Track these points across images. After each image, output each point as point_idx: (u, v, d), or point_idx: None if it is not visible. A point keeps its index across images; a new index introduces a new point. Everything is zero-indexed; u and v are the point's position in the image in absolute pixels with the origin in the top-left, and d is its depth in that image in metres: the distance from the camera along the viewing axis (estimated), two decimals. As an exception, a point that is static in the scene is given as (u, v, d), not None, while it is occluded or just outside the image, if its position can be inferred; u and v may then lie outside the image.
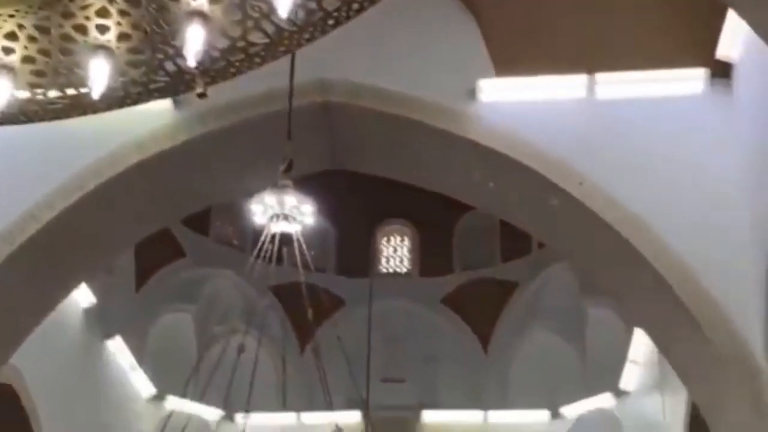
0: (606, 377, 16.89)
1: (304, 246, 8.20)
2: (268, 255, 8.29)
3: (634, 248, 8.89)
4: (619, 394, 16.67)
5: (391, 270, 20.55)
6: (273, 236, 8.18)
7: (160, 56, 4.54)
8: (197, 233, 18.64)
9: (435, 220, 19.89)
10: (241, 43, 4.48)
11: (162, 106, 9.36)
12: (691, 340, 8.80)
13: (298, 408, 18.49)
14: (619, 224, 8.93)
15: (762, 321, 8.10)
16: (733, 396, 8.37)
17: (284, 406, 17.11)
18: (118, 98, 4.77)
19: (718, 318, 8.50)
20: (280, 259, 9.87)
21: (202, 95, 4.51)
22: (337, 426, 8.03)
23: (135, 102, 4.84)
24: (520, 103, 9.51)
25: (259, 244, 8.17)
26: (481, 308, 19.02)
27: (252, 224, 9.27)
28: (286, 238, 8.78)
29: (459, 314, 19.27)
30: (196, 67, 4.32)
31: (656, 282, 8.87)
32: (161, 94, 4.79)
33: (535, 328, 18.67)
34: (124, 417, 17.48)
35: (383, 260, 20.56)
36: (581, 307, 17.56)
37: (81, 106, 4.80)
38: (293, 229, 8.16)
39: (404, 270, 20.51)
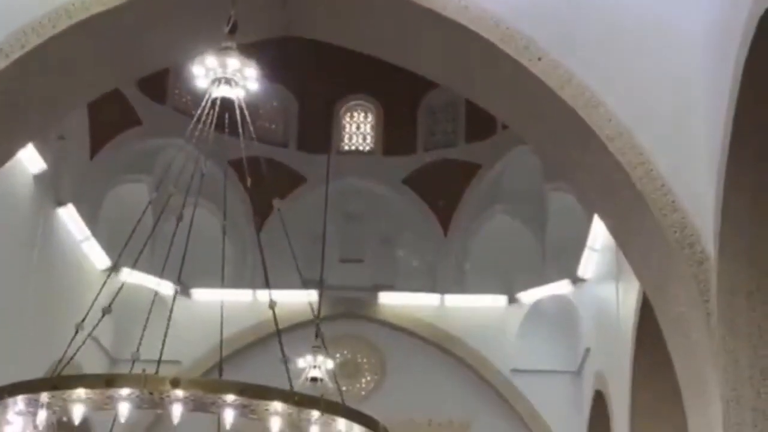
0: (564, 264, 17.09)
1: (246, 112, 8.05)
2: (209, 121, 8.14)
3: (590, 128, 8.82)
4: (576, 281, 16.91)
5: (353, 147, 20.46)
6: (214, 101, 8.02)
7: None
8: (154, 101, 18.42)
9: (400, 97, 19.76)
10: None
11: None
12: (641, 225, 8.83)
13: (255, 285, 18.59)
14: (576, 103, 8.84)
15: (713, 208, 8.11)
16: (680, 281, 8.43)
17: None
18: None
19: (669, 203, 8.48)
20: (222, 126, 9.74)
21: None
22: (272, 301, 8.01)
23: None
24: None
25: (199, 109, 8.02)
26: (443, 190, 19.05)
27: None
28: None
29: (420, 195, 19.28)
30: None
31: (610, 165, 8.83)
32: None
33: (496, 212, 18.80)
34: (78, 288, 17.51)
35: (346, 137, 20.46)
36: (543, 192, 17.63)
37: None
38: (235, 94, 7.99)
39: (367, 148, 20.42)
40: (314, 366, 13.98)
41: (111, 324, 17.66)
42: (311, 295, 16.66)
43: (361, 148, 20.42)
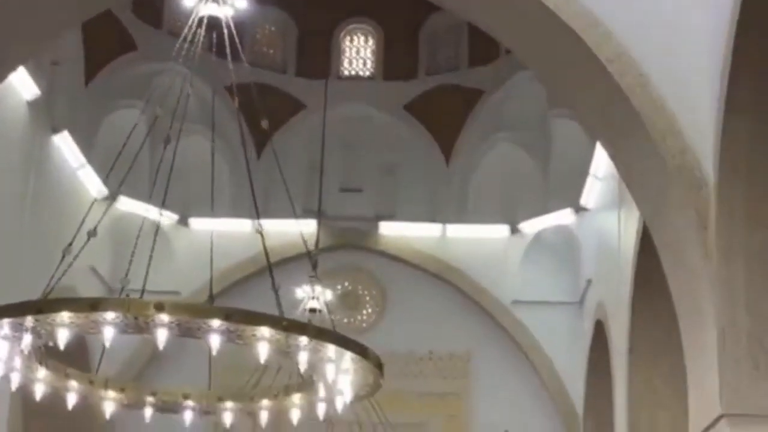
0: (567, 193, 17.02)
1: (234, 32, 7.94)
2: (197, 41, 8.04)
3: (589, 50, 8.71)
4: (578, 210, 16.88)
5: (353, 73, 20.26)
6: (201, 20, 7.91)
7: None
8: (149, 25, 18.25)
9: (401, 21, 19.52)
10: None
11: None
12: (640, 149, 8.76)
13: (253, 215, 18.53)
14: (575, 24, 8.72)
15: (713, 132, 8.03)
16: (678, 207, 8.39)
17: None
18: None
19: (669, 127, 8.40)
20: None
21: None
22: (259, 224, 7.99)
23: None
24: None
25: (186, 28, 7.91)
26: (445, 117, 18.90)
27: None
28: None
29: (422, 122, 19.15)
30: None
31: (609, 88, 8.74)
32: None
33: (499, 140, 18.69)
34: (74, 216, 17.54)
35: (345, 62, 20.25)
36: (547, 119, 17.51)
37: None
38: (223, 12, 7.88)
39: (367, 73, 20.23)
40: (312, 297, 13.98)
41: (109, 254, 17.75)
42: (309, 225, 16.72)
43: (361, 73, 20.22)
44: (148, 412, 8.50)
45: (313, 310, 13.65)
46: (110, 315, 6.43)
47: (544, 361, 17.84)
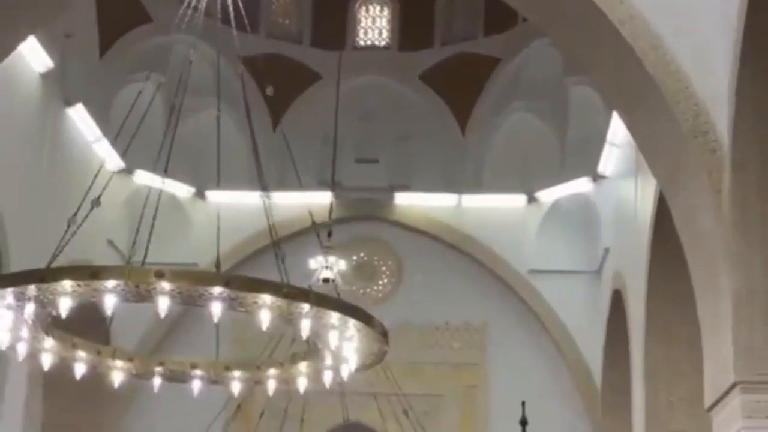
0: (584, 161, 16.87)
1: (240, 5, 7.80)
2: (201, 8, 7.92)
3: (601, 12, 8.54)
4: (596, 178, 16.76)
5: (368, 43, 20.10)
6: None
7: None
8: (164, -4, 18.10)
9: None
10: None
11: None
12: (654, 113, 8.62)
13: (270, 187, 18.42)
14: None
15: (728, 95, 7.88)
16: (692, 171, 8.25)
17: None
18: None
19: (682, 89, 8.25)
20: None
21: None
22: (265, 195, 7.87)
23: None
24: None
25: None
26: (461, 85, 18.73)
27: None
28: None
29: (437, 92, 19.00)
30: None
31: (622, 51, 8.58)
32: None
33: (516, 108, 18.51)
34: (91, 192, 17.54)
35: (361, 32, 20.09)
36: (564, 86, 17.31)
37: None
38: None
39: (383, 43, 20.06)
40: (326, 267, 13.86)
41: (126, 227, 17.71)
42: (326, 197, 16.61)
43: (376, 43, 20.05)
44: (156, 381, 8.42)
45: (326, 280, 13.52)
46: (111, 283, 6.34)
47: (561, 332, 17.71)
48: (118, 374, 8.34)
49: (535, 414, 13.69)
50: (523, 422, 13.40)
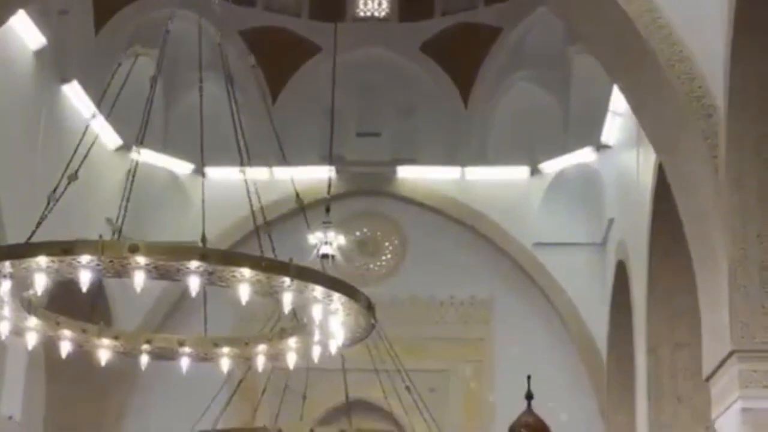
0: (588, 131, 16.71)
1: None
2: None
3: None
4: (599, 148, 16.61)
5: (368, 14, 19.88)
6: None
7: None
8: (158, -30, 17.94)
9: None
10: None
11: None
12: (649, 79, 8.53)
13: (270, 162, 18.33)
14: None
15: (723, 58, 7.75)
16: (688, 136, 8.15)
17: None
18: None
19: (677, 53, 8.17)
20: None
21: None
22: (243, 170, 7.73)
23: None
24: None
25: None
26: (463, 56, 18.53)
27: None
28: None
29: (439, 63, 18.78)
30: None
31: (616, 16, 8.49)
32: None
33: (518, 79, 18.33)
34: (87, 169, 17.41)
35: (360, 3, 19.88)
36: (566, 56, 17.12)
37: None
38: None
39: (382, 14, 19.85)
40: (325, 242, 13.73)
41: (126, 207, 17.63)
42: (326, 172, 16.48)
43: (376, 14, 19.82)
44: (144, 360, 8.32)
45: (325, 256, 13.37)
46: (85, 258, 6.22)
47: (566, 304, 17.55)
48: (104, 352, 8.23)
49: (540, 388, 13.55)
50: (529, 396, 13.32)
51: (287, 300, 6.55)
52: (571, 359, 17.53)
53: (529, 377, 13.28)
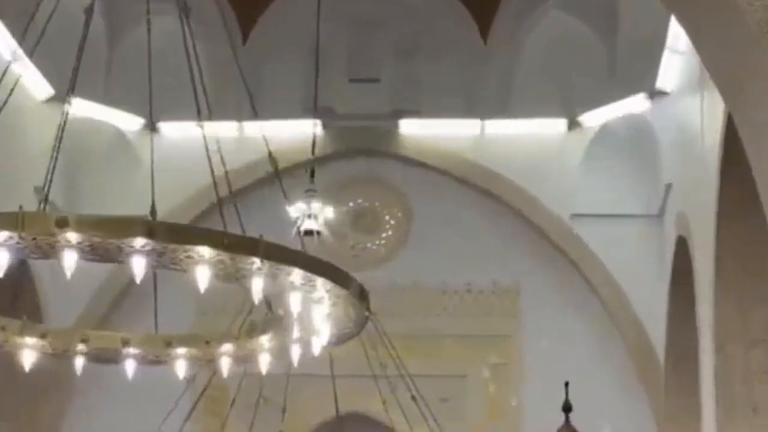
0: (639, 73, 16.78)
1: None
2: None
3: None
4: (654, 95, 16.70)
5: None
6: None
7: None
8: None
9: None
10: None
11: None
12: (714, 6, 8.48)
13: (241, 116, 18.38)
14: None
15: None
16: (760, 74, 8.12)
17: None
18: None
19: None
20: None
21: None
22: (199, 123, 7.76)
23: None
24: None
25: None
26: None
27: None
28: None
29: (452, -11, 18.88)
30: None
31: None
32: None
33: (550, 8, 18.36)
34: (10, 123, 17.42)
35: None
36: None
37: None
38: None
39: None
40: (309, 215, 13.71)
41: (58, 170, 17.58)
42: (310, 126, 16.50)
43: (373, -74, 19.88)
44: (79, 362, 8.35)
45: (309, 233, 13.35)
46: (1, 234, 6.20)
47: (613, 292, 17.67)
48: (29, 354, 8.25)
49: (580, 396, 13.66)
50: (567, 408, 13.40)
51: (257, 287, 6.54)
52: (619, 360, 17.67)
53: (566, 384, 13.34)
